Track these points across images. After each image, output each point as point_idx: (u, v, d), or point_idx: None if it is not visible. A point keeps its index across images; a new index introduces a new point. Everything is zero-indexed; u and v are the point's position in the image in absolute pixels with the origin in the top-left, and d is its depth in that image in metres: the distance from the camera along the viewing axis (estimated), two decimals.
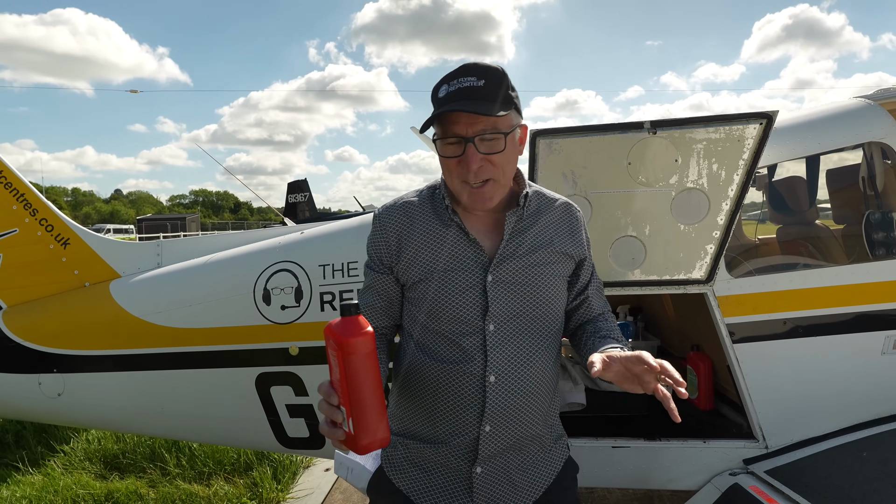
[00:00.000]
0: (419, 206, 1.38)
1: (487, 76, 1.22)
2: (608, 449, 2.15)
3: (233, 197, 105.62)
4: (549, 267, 1.34)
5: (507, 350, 1.30)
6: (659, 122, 1.97)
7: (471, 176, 1.24)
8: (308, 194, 17.32)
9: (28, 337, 2.51)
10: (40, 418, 2.79)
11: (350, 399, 1.04)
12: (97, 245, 2.70)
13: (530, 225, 1.35)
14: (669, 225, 2.03)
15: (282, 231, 2.78)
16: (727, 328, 2.08)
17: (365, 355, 1.03)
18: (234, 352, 2.37)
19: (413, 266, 1.34)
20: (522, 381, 1.30)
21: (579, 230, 1.41)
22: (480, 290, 1.29)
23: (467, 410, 1.30)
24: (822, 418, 2.13)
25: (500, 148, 1.24)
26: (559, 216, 1.39)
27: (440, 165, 1.32)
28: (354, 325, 1.04)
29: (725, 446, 2.13)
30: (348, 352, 1.02)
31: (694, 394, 2.55)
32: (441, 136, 1.27)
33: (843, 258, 2.52)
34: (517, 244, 1.33)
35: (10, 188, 2.65)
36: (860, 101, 2.33)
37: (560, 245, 1.36)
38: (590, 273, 1.45)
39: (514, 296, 1.30)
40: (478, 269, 1.31)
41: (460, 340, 1.29)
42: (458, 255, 1.32)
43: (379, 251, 1.39)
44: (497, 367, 1.29)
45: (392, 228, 1.37)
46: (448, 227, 1.33)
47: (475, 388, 1.29)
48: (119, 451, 3.87)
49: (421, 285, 1.33)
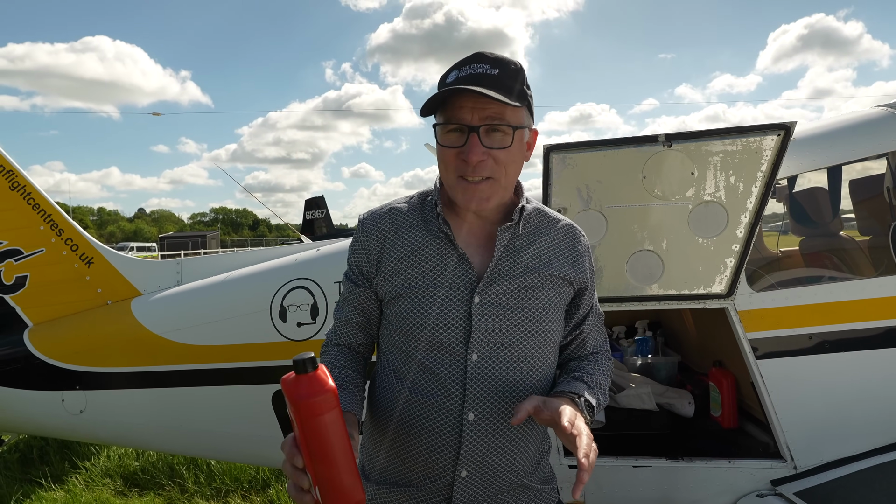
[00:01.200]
0: (407, 213, 1.23)
1: (502, 66, 1.09)
2: (628, 469, 2.09)
3: (252, 214, 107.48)
4: (544, 291, 1.18)
5: (491, 385, 1.13)
6: (674, 136, 1.95)
7: (469, 170, 1.10)
8: (325, 211, 17.52)
9: (52, 354, 2.56)
10: (63, 434, 2.84)
11: (314, 466, 0.89)
12: (119, 263, 2.76)
13: (528, 244, 1.20)
14: (687, 239, 2.00)
15: (298, 248, 2.81)
16: (750, 344, 2.02)
17: (327, 417, 0.89)
18: (251, 369, 2.38)
19: (393, 279, 1.17)
20: (508, 423, 1.13)
21: (582, 256, 1.25)
22: (465, 313, 1.13)
23: (441, 451, 1.13)
24: (853, 437, 2.05)
25: (506, 143, 1.10)
26: (561, 238, 1.24)
27: (437, 158, 1.18)
28: (312, 384, 0.88)
29: (752, 466, 2.06)
30: (307, 415, 0.88)
31: (717, 411, 2.48)
32: (443, 122, 1.12)
33: (869, 270, 2.45)
34: (511, 264, 1.17)
35: (38, 209, 2.73)
36: (883, 110, 2.28)
37: (559, 269, 1.20)
38: (589, 305, 1.28)
39: (503, 322, 1.14)
40: (464, 287, 1.14)
41: (437, 369, 1.13)
42: (443, 270, 1.16)
43: (359, 260, 1.23)
44: (477, 403, 1.12)
45: (375, 236, 1.21)
46: (436, 237, 1.18)
47: (451, 425, 1.12)
48: (139, 467, 3.90)
49: (399, 301, 1.16)
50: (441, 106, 1.12)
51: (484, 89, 1.05)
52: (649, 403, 2.45)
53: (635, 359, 3.02)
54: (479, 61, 1.10)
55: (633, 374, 2.77)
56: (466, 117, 1.09)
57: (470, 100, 1.08)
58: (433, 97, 1.10)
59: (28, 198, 2.72)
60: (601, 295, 2.06)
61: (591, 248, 2.06)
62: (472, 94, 1.06)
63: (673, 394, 2.59)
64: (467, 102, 1.08)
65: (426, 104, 1.11)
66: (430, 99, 1.11)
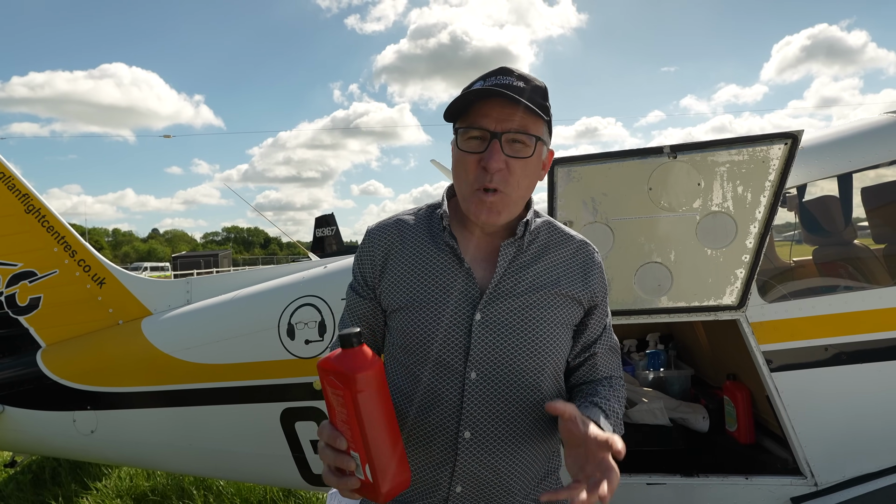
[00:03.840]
0: (414, 225, 1.21)
1: (527, 81, 1.09)
2: (642, 486, 2.04)
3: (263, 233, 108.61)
4: (550, 311, 1.13)
5: (489, 404, 1.10)
6: (679, 146, 1.94)
7: (487, 177, 1.07)
8: (335, 228, 17.65)
9: (64, 375, 2.58)
10: (75, 455, 2.84)
11: (366, 443, 0.90)
12: (130, 284, 2.79)
13: (535, 260, 1.17)
14: (696, 250, 1.98)
15: (306, 265, 2.83)
16: (763, 356, 1.98)
17: (377, 390, 0.91)
18: (259, 387, 2.38)
19: (395, 291, 1.16)
20: (505, 443, 1.11)
21: (594, 274, 1.20)
22: (465, 330, 1.11)
23: (437, 468, 1.12)
24: (876, 452, 1.99)
25: (527, 153, 1.08)
26: (572, 255, 1.20)
27: (452, 166, 1.15)
28: (360, 358, 0.90)
29: (770, 483, 2.00)
30: (357, 389, 0.89)
31: (733, 426, 2.42)
32: (465, 126, 1.09)
33: (886, 279, 2.40)
34: (515, 281, 1.14)
35: (52, 231, 2.79)
36: (892, 117, 2.26)
37: (567, 287, 1.16)
38: (601, 327, 1.23)
39: (504, 341, 1.11)
40: (466, 304, 1.12)
41: (435, 385, 1.11)
42: (446, 284, 1.13)
43: (364, 270, 1.22)
44: (473, 422, 1.10)
45: (380, 246, 1.20)
46: (441, 250, 1.15)
47: (446, 442, 1.11)
48: (149, 488, 3.89)
49: (400, 315, 1.15)
50: (464, 112, 1.11)
51: (512, 96, 1.05)
52: (662, 419, 2.40)
53: (647, 373, 2.97)
54: (505, 74, 1.09)
55: (645, 389, 2.72)
56: (490, 124, 1.07)
57: (495, 108, 1.07)
58: (459, 99, 1.08)
59: (43, 220, 2.78)
60: (610, 308, 2.04)
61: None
62: (497, 101, 1.06)
63: (687, 408, 2.54)
64: (492, 111, 1.07)
65: (452, 107, 1.10)
66: (456, 101, 1.09)
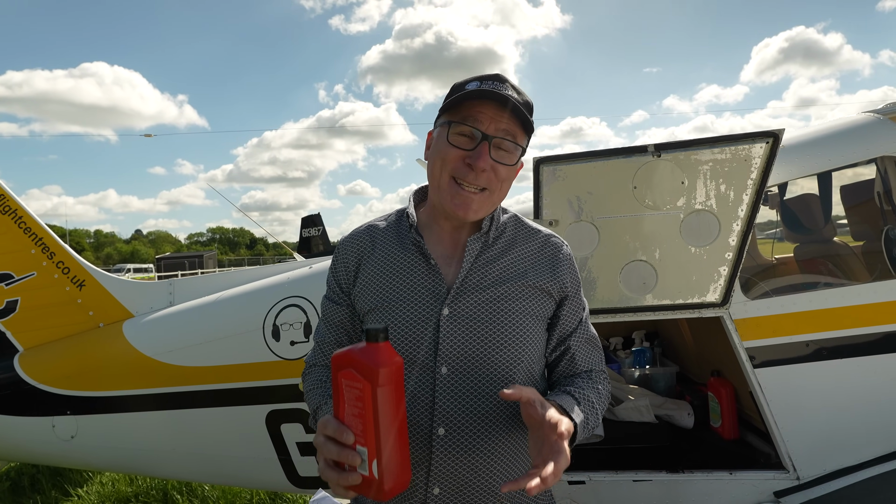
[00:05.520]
0: (384, 229, 1.24)
1: (520, 94, 1.13)
2: (629, 483, 2.06)
3: (248, 233, 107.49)
4: (518, 302, 1.14)
5: (461, 399, 1.10)
6: (663, 145, 1.96)
7: (471, 176, 1.09)
8: (322, 228, 17.53)
9: (42, 379, 2.52)
10: (54, 461, 2.78)
11: (378, 437, 0.90)
12: (111, 286, 2.74)
13: (501, 254, 1.18)
14: (680, 248, 2.00)
15: (292, 266, 2.80)
16: (747, 352, 2.01)
17: (396, 387, 0.92)
18: (244, 389, 2.35)
19: (366, 293, 1.17)
20: (479, 438, 1.09)
21: (562, 266, 1.21)
22: (433, 326, 1.11)
23: (413, 470, 1.07)
24: (856, 446, 2.02)
25: (511, 161, 1.12)
26: (538, 248, 1.21)
27: (431, 156, 1.16)
28: (385, 353, 0.91)
29: (754, 478, 2.03)
30: (379, 383, 0.89)
31: (717, 422, 2.45)
32: (458, 121, 1.10)
33: (864, 275, 2.44)
34: (482, 275, 1.15)
35: (29, 233, 2.72)
36: (869, 116, 2.30)
37: (535, 279, 1.16)
38: (576, 320, 1.22)
39: (472, 334, 1.11)
40: (433, 300, 1.13)
41: (407, 382, 1.09)
42: (413, 283, 1.15)
43: (338, 278, 1.23)
44: (446, 418, 1.09)
45: (353, 252, 1.22)
46: (407, 249, 1.17)
47: (420, 441, 1.10)
48: (132, 493, 3.83)
49: (372, 316, 1.16)
50: (457, 106, 1.11)
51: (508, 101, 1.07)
52: (648, 416, 2.42)
53: (633, 370, 2.99)
54: (501, 81, 1.12)
55: (631, 386, 2.74)
56: (483, 126, 1.09)
57: (491, 109, 1.09)
58: (460, 95, 1.10)
59: (19, 222, 2.71)
60: (596, 307, 2.05)
61: (584, 260, 2.06)
62: (492, 105, 1.08)
63: (672, 405, 2.56)
64: (488, 111, 1.09)
65: (451, 101, 1.11)
66: (459, 97, 1.10)
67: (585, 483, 2.05)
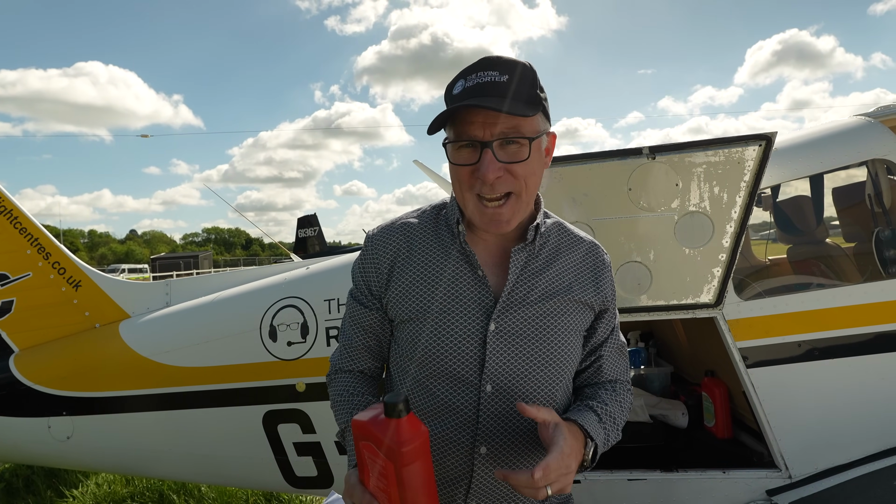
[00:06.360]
0: (419, 228, 1.14)
1: (511, 71, 1.00)
2: (623, 482, 2.08)
3: (244, 234, 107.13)
4: (563, 318, 1.09)
5: (505, 418, 1.06)
6: (658, 148, 1.98)
7: (486, 188, 1.01)
8: (318, 229, 17.52)
9: (38, 380, 2.52)
10: (50, 462, 2.78)
11: None
12: (107, 286, 2.74)
13: (547, 265, 1.11)
14: (674, 249, 2.02)
15: (288, 266, 2.80)
16: (740, 352, 2.03)
17: (423, 462, 0.86)
18: (241, 390, 2.35)
19: (404, 300, 1.10)
20: (521, 457, 1.07)
21: (604, 278, 1.16)
22: (479, 341, 1.05)
23: (453, 484, 1.07)
24: (847, 444, 2.05)
25: (523, 156, 1.01)
26: (582, 258, 1.15)
27: (450, 177, 1.09)
28: (407, 430, 0.84)
29: (746, 476, 2.05)
30: (403, 463, 0.83)
31: (711, 422, 2.47)
32: (453, 139, 1.04)
33: (856, 277, 2.47)
34: (528, 288, 1.09)
35: (24, 233, 2.71)
36: (861, 119, 2.33)
37: (580, 293, 1.12)
38: (609, 329, 1.18)
39: (519, 351, 1.06)
40: (479, 313, 1.07)
41: (450, 399, 1.06)
42: (458, 292, 1.08)
43: (368, 279, 1.15)
44: (490, 436, 1.06)
45: (386, 253, 1.13)
46: (449, 255, 1.10)
47: (462, 459, 1.07)
48: (128, 494, 3.82)
49: (410, 325, 1.09)
50: (450, 121, 1.04)
51: (493, 104, 0.97)
52: (643, 415, 2.44)
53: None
54: (486, 68, 1.00)
55: None
56: (478, 133, 1.00)
57: (480, 113, 1.00)
58: (439, 116, 1.02)
59: (15, 222, 2.70)
60: None
61: None
62: (481, 108, 0.99)
63: (666, 405, 2.58)
64: (477, 117, 1.00)
65: (433, 123, 1.03)
66: (437, 117, 1.02)
67: (580, 482, 2.07)
